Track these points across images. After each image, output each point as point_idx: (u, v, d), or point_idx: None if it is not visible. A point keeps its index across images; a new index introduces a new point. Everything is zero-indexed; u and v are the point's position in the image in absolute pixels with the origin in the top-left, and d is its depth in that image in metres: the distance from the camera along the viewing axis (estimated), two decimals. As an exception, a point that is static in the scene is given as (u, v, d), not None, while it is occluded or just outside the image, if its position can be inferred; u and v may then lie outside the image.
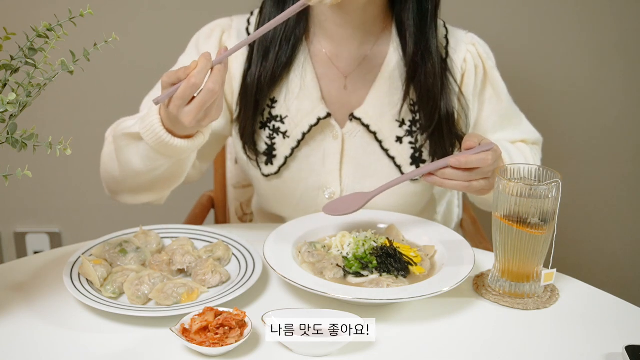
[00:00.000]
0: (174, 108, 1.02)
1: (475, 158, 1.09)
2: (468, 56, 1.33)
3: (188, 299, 1.02)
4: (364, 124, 1.30)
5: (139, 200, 1.28)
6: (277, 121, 1.31)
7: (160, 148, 1.10)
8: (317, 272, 1.08)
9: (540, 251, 1.05)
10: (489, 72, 1.35)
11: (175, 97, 1.01)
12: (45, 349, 0.93)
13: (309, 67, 1.30)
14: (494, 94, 1.36)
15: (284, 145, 1.32)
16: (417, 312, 1.03)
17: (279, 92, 1.31)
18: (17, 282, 1.09)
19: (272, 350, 0.93)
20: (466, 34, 1.36)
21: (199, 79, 0.99)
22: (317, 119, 1.29)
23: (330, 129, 1.31)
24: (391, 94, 1.30)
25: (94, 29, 1.18)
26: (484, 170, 1.11)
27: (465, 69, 1.33)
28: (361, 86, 1.32)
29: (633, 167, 2.11)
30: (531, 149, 1.39)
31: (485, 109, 1.37)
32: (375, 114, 1.30)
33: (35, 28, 0.95)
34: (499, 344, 0.97)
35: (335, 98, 1.32)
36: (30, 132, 0.93)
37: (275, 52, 1.28)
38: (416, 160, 1.32)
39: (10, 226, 2.22)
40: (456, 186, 1.12)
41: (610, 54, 2.00)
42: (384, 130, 1.31)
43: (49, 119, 1.97)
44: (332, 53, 1.32)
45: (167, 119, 1.07)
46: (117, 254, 1.12)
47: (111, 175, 1.26)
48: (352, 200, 1.17)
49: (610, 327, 1.01)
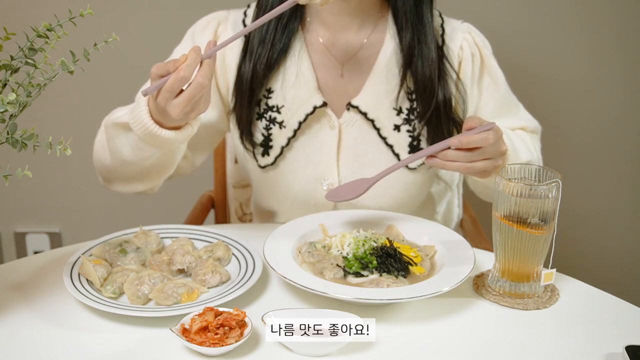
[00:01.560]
0: (162, 100, 1.03)
1: (476, 137, 1.09)
2: (464, 44, 1.34)
3: (188, 299, 1.02)
4: (361, 111, 1.30)
5: (131, 189, 1.29)
6: (274, 111, 1.32)
7: (149, 139, 1.11)
8: (317, 272, 1.08)
9: (540, 251, 1.05)
10: (486, 60, 1.36)
11: (163, 89, 1.02)
12: (45, 349, 0.93)
13: (305, 56, 1.31)
14: (491, 81, 1.36)
15: (280, 135, 1.32)
16: (417, 312, 1.03)
17: (275, 82, 1.32)
18: (17, 282, 1.09)
19: (272, 350, 0.93)
20: (462, 23, 1.37)
21: (187, 73, 1.00)
22: (313, 107, 1.30)
23: (327, 119, 1.31)
24: (388, 81, 1.31)
25: (94, 29, 1.18)
26: (486, 150, 1.11)
27: (462, 56, 1.34)
28: (358, 74, 1.32)
29: (633, 167, 2.11)
30: (531, 136, 1.38)
31: (483, 96, 1.37)
32: (373, 102, 1.30)
33: (35, 28, 0.95)
34: (499, 344, 0.97)
35: (331, 87, 1.32)
36: (30, 132, 0.93)
37: (270, 40, 1.29)
38: (414, 148, 1.32)
39: (10, 226, 2.22)
40: (458, 167, 1.12)
41: (610, 53, 2.00)
42: (382, 118, 1.31)
43: (49, 119, 1.97)
44: (329, 41, 1.32)
45: (155, 111, 1.08)
46: (117, 254, 1.12)
47: (103, 164, 1.27)
48: (354, 187, 1.17)
49: (610, 327, 1.01)
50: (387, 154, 1.32)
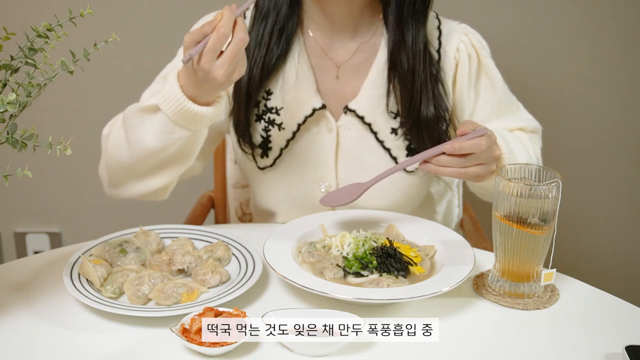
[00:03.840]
0: (206, 62, 1.03)
1: (468, 144, 1.09)
2: (461, 45, 1.34)
3: (188, 299, 1.02)
4: (358, 115, 1.30)
5: (144, 188, 1.25)
6: (273, 113, 1.32)
7: (180, 117, 1.11)
8: (317, 272, 1.08)
9: (540, 251, 1.05)
10: (483, 61, 1.36)
11: (206, 50, 1.02)
12: (45, 349, 0.93)
13: (304, 58, 1.31)
14: (489, 83, 1.36)
15: (279, 137, 1.32)
16: (417, 312, 1.03)
17: (275, 84, 1.32)
18: (17, 282, 1.09)
19: (272, 350, 0.93)
20: (459, 24, 1.37)
21: (227, 29, 1.01)
22: (312, 110, 1.30)
23: (325, 122, 1.32)
24: (383, 85, 1.31)
25: (94, 29, 1.18)
26: (479, 156, 1.11)
27: (459, 58, 1.34)
28: (355, 77, 1.33)
29: (633, 167, 2.11)
30: (530, 137, 1.38)
31: (480, 98, 1.37)
32: (370, 105, 1.31)
33: (35, 28, 0.95)
34: (499, 344, 0.97)
35: (329, 90, 1.33)
36: (30, 132, 0.93)
37: (266, 43, 1.29)
38: (412, 151, 1.32)
39: (10, 226, 2.22)
40: (451, 173, 1.12)
41: (610, 53, 2.00)
42: (378, 122, 1.31)
43: (49, 119, 1.97)
44: (325, 44, 1.33)
45: (188, 85, 1.09)
46: (117, 254, 1.12)
47: (119, 162, 1.23)
48: (349, 191, 1.18)
49: (610, 327, 1.01)
50: (385, 157, 1.32)
